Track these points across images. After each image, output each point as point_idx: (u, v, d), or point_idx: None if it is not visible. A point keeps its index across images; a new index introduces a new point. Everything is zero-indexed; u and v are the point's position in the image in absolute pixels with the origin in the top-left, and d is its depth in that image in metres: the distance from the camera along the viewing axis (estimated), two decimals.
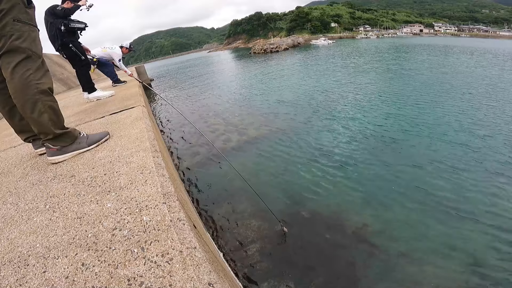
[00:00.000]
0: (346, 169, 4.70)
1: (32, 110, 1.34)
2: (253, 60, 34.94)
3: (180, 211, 0.84)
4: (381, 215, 3.56)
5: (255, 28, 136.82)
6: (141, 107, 2.62)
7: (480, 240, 3.05)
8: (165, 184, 1.00)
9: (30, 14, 1.36)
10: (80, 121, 2.72)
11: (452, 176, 4.24)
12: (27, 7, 1.34)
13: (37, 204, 1.12)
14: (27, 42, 1.30)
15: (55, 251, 0.78)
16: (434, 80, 11.52)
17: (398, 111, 7.52)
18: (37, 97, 1.33)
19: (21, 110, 1.37)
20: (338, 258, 2.96)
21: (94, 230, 0.83)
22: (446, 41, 49.90)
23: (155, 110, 10.84)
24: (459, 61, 18.15)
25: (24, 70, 1.29)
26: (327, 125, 6.89)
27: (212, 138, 6.90)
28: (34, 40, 1.35)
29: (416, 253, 2.93)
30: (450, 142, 5.35)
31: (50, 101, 1.41)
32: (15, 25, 1.26)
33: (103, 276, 0.65)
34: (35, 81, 1.32)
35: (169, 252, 0.68)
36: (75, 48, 3.66)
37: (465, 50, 27.36)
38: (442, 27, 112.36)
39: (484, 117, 6.62)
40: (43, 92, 1.35)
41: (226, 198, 4.24)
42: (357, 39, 79.15)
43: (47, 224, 0.93)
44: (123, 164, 1.27)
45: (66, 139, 1.57)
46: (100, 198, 1.01)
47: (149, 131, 1.70)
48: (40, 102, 1.34)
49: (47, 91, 1.39)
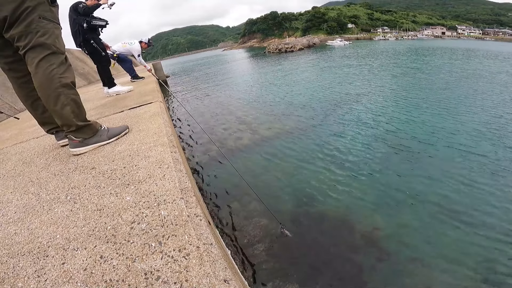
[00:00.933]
0: (357, 173, 4.62)
1: (55, 102, 1.39)
2: (267, 60, 34.86)
3: (197, 206, 0.85)
4: (391, 220, 3.48)
5: (270, 27, 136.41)
6: (159, 102, 2.67)
7: (492, 249, 2.95)
8: (182, 180, 1.01)
9: (54, 12, 1.42)
10: (100, 115, 2.79)
11: (466, 185, 4.09)
12: (51, 5, 1.40)
13: (59, 194, 1.14)
14: (52, 38, 1.35)
15: (75, 242, 0.79)
16: (454, 85, 11.08)
17: (413, 117, 7.29)
18: (60, 91, 1.38)
19: (45, 103, 1.43)
20: (345, 261, 2.92)
21: (113, 223, 0.84)
22: (469, 44, 47.93)
23: (169, 107, 11.03)
24: (482, 66, 17.38)
25: (48, 64, 1.34)
26: (340, 128, 6.79)
27: (223, 137, 6.94)
28: (57, 37, 1.40)
29: (425, 259, 2.85)
30: (466, 151, 5.15)
31: (73, 94, 1.46)
32: (40, 22, 1.31)
33: (121, 269, 0.66)
34: (59, 75, 1.37)
35: (186, 248, 0.68)
36: (96, 44, 3.78)
37: (489, 54, 26.21)
38: (466, 30, 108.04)
39: (504, 127, 6.31)
40: (65, 85, 1.40)
41: (232, 199, 4.26)
42: (375, 40, 77.41)
43: (68, 215, 0.95)
44: (142, 158, 1.29)
45: (88, 131, 1.62)
46: (120, 191, 1.03)
47: (167, 126, 1.74)
48: (63, 95, 1.40)
49: (70, 85, 1.44)
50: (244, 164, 5.31)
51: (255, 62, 35.12)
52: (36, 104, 1.67)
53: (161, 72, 17.89)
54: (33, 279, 0.69)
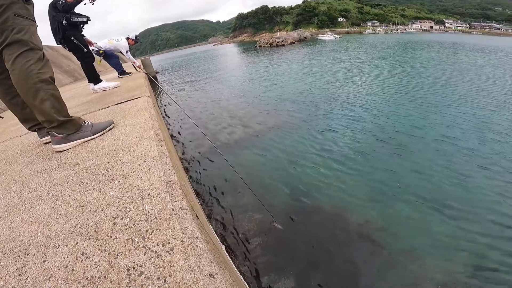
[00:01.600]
0: (349, 167, 4.66)
1: (34, 98, 1.39)
2: (258, 54, 34.65)
3: (182, 200, 0.83)
4: (383, 213, 3.53)
5: (261, 21, 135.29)
6: (146, 97, 2.61)
7: (483, 240, 3.02)
8: (168, 173, 0.99)
9: (29, 9, 1.43)
10: (86, 111, 2.72)
11: (457, 176, 4.18)
12: (25, 3, 1.40)
13: (41, 192, 1.11)
14: (28, 35, 1.36)
15: (56, 240, 0.77)
16: (441, 79, 11.26)
17: (403, 111, 7.39)
18: (38, 86, 1.37)
19: (24, 98, 1.42)
20: (338, 254, 2.95)
21: (95, 219, 0.82)
22: (456, 38, 48.75)
23: (160, 103, 10.86)
24: (468, 59, 17.74)
25: (25, 60, 1.34)
26: (331, 123, 6.83)
27: (215, 131, 6.90)
28: (33, 33, 1.41)
29: (418, 251, 2.91)
30: (456, 143, 5.25)
31: (52, 89, 1.45)
32: (16, 20, 1.32)
33: (103, 265, 0.64)
34: (36, 71, 1.37)
35: (170, 242, 0.67)
36: (77, 40, 3.70)
37: (475, 48, 26.73)
38: (453, 24, 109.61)
39: (491, 119, 6.47)
40: (44, 81, 1.40)
41: (226, 193, 4.25)
42: (365, 34, 77.87)
43: (49, 212, 0.93)
44: (127, 152, 1.26)
45: (70, 127, 1.58)
46: (103, 186, 1.00)
47: (154, 120, 1.69)
48: (41, 90, 1.39)
49: (48, 80, 1.43)
50: (237, 158, 5.30)
51: (246, 56, 34.85)
52: (15, 101, 1.64)
53: (150, 68, 17.55)
54: (14, 277, 0.68)
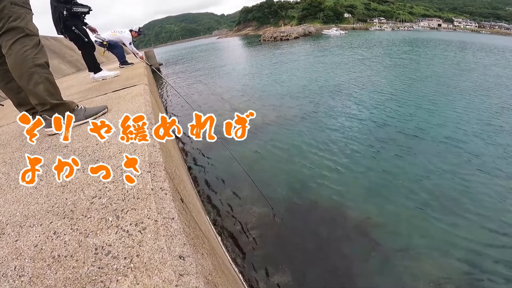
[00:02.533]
0: (349, 163, 4.63)
1: (28, 81, 1.44)
2: (262, 48, 34.37)
3: (165, 181, 0.81)
4: (382, 209, 3.52)
5: (265, 15, 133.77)
6: (143, 85, 2.59)
7: (479, 240, 3.00)
8: (154, 154, 0.97)
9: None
10: (83, 98, 2.74)
11: (456, 177, 4.15)
12: None
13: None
14: (24, 22, 1.41)
15: (32, 219, 0.77)
16: (446, 78, 11.07)
17: (405, 109, 7.30)
18: (33, 70, 1.42)
19: (19, 82, 1.47)
20: (336, 250, 2.95)
21: (74, 198, 0.81)
22: (464, 37, 47.95)
23: (163, 94, 10.83)
24: (475, 59, 17.44)
25: (21, 46, 1.39)
26: (333, 118, 6.78)
27: (217, 123, 6.87)
28: (29, 21, 1.46)
29: (415, 249, 2.90)
30: (458, 144, 5.19)
31: (46, 73, 1.50)
32: (12, 8, 1.37)
33: (72, 245, 0.63)
34: (32, 56, 1.42)
35: (143, 221, 0.65)
36: (78, 30, 3.74)
37: (483, 47, 26.27)
38: (462, 22, 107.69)
39: (494, 121, 6.36)
40: (39, 65, 1.45)
41: (227, 184, 4.25)
42: (371, 30, 76.80)
43: (31, 192, 0.93)
44: (116, 135, 1.25)
45: (63, 110, 1.59)
46: (87, 167, 0.99)
47: (147, 105, 1.68)
48: (36, 74, 1.44)
49: (43, 65, 1.48)
50: (238, 150, 5.28)
51: (249, 50, 34.60)
52: (10, 85, 1.69)
53: (153, 59, 17.52)
54: None
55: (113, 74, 4.13)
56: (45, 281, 0.55)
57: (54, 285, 0.53)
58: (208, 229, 1.90)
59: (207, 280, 0.59)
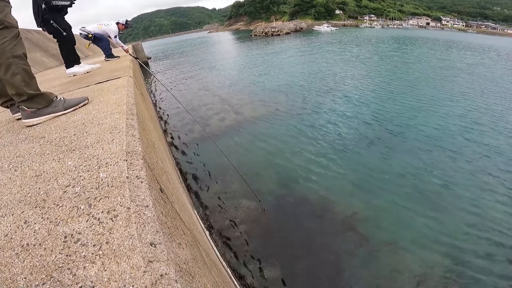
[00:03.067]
0: (337, 158, 4.69)
1: (5, 71, 1.42)
2: (253, 43, 34.14)
3: (141, 169, 0.80)
4: (369, 204, 3.59)
5: (257, 10, 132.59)
6: (127, 77, 2.53)
7: (461, 236, 3.11)
8: (132, 144, 0.95)
9: None
10: (64, 90, 2.66)
11: (441, 173, 4.28)
12: None
13: (2, 164, 1.10)
14: (2, 14, 1.41)
15: (4, 209, 0.75)
16: (430, 76, 11.29)
17: (391, 106, 7.44)
18: (10, 61, 1.42)
19: None
20: (324, 244, 3.00)
21: (47, 188, 0.80)
22: (451, 35, 49.02)
23: (151, 89, 10.63)
24: (460, 57, 17.88)
25: (0, 38, 1.39)
26: (320, 114, 6.83)
27: (206, 117, 6.82)
28: (8, 13, 1.46)
29: (400, 243, 2.99)
30: (442, 141, 5.34)
31: (23, 64, 1.49)
32: None
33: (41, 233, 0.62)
34: (10, 47, 1.41)
35: (116, 209, 0.64)
36: (57, 24, 3.63)
37: (469, 46, 26.94)
38: (450, 21, 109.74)
39: (476, 120, 6.56)
40: (17, 56, 1.44)
41: (216, 178, 4.24)
42: (361, 27, 77.42)
43: (6, 183, 0.91)
44: (95, 125, 1.22)
45: (40, 101, 1.57)
46: (63, 157, 0.96)
47: (130, 97, 1.64)
48: (13, 64, 1.43)
49: (21, 56, 1.48)
50: (226, 144, 5.26)
51: (240, 45, 34.32)
52: None
53: (142, 53, 17.14)
54: None
55: (87, 68, 3.96)
56: (12, 269, 0.54)
57: (21, 273, 0.53)
58: (194, 222, 1.89)
59: (180, 269, 0.58)
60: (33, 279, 0.51)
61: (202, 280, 0.78)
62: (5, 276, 0.53)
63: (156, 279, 0.48)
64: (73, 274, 0.50)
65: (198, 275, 0.76)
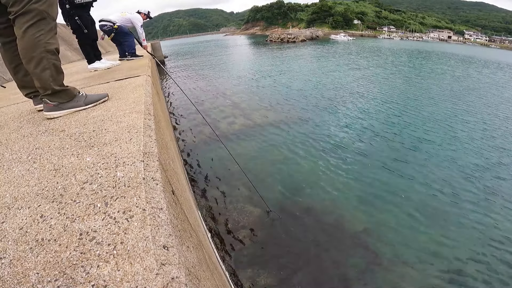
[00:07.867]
0: (345, 169, 4.64)
1: (36, 65, 1.43)
2: (268, 48, 34.36)
3: (157, 171, 0.81)
4: (373, 216, 3.55)
5: (274, 16, 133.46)
6: (146, 76, 2.59)
7: (464, 250, 3.07)
8: (149, 144, 0.97)
9: None
10: (85, 85, 2.74)
11: (449, 189, 4.21)
12: None
13: (21, 155, 1.11)
14: (46, 5, 1.39)
15: (21, 201, 0.76)
16: (445, 93, 10.95)
17: (402, 120, 7.29)
18: (43, 55, 1.42)
19: (26, 65, 1.46)
20: (325, 254, 2.96)
21: (65, 183, 0.80)
22: (473, 51, 47.72)
23: (165, 88, 10.82)
24: (481, 75, 17.28)
25: (37, 30, 1.38)
26: (330, 124, 6.77)
27: (217, 119, 6.87)
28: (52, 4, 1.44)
29: (402, 256, 2.95)
30: (452, 158, 5.20)
31: (55, 60, 1.50)
32: None
33: (57, 229, 0.63)
34: (45, 41, 1.41)
35: (131, 210, 0.64)
36: (80, 21, 3.74)
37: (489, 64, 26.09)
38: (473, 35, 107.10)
39: (487, 139, 6.34)
40: (49, 51, 1.45)
41: (222, 180, 4.25)
42: (379, 38, 76.62)
43: (23, 174, 0.92)
44: (114, 123, 1.25)
45: (64, 96, 1.61)
46: (82, 152, 0.98)
47: (148, 96, 1.67)
48: (45, 59, 1.44)
49: (54, 51, 1.49)
50: (236, 148, 5.28)
51: (255, 49, 34.60)
52: (18, 68, 1.71)
53: (159, 52, 17.51)
54: None
55: (105, 66, 4.08)
56: (25, 264, 0.54)
57: (34, 268, 0.53)
58: (198, 224, 1.90)
59: (189, 272, 0.59)
60: (45, 275, 0.51)
61: (206, 284, 0.78)
62: (16, 271, 0.53)
63: (168, 282, 0.48)
64: (87, 272, 0.50)
65: (203, 279, 0.76)
